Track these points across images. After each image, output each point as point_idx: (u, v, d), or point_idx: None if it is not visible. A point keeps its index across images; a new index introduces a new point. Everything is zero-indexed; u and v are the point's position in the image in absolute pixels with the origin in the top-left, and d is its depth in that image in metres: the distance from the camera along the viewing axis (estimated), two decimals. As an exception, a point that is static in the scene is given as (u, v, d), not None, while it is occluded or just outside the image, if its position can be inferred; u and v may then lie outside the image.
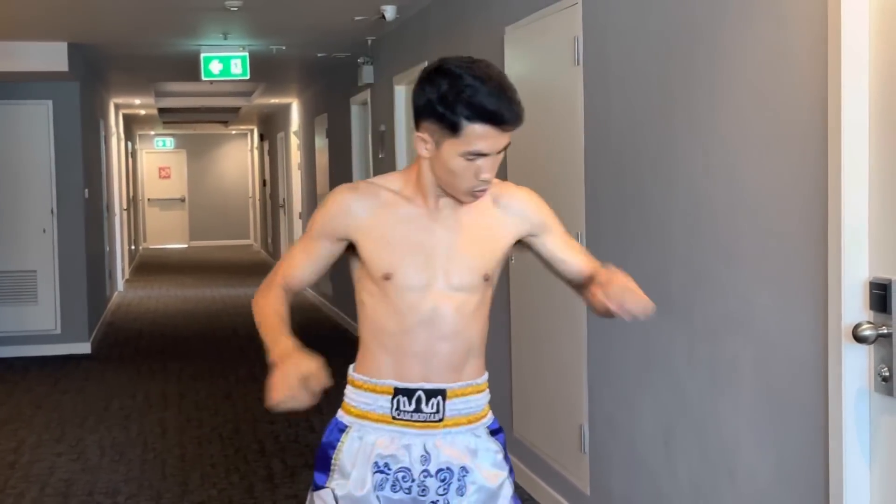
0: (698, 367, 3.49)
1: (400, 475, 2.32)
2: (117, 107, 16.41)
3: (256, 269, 18.49)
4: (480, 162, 2.19)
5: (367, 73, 9.25)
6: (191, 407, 7.52)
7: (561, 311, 4.74)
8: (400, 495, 2.32)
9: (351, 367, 2.43)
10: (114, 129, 15.37)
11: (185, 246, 26.00)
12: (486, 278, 2.36)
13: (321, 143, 12.96)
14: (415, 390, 2.32)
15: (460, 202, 2.32)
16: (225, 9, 7.44)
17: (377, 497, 2.31)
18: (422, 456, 2.33)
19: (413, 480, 2.32)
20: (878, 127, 2.62)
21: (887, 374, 2.57)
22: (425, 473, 2.33)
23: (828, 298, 2.74)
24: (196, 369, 9.05)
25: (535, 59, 5.11)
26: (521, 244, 2.47)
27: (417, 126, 2.25)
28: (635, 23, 3.93)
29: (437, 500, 2.34)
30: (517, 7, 5.20)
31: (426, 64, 7.14)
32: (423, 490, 2.33)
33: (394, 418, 2.33)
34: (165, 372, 9.00)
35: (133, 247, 20.19)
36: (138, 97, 15.66)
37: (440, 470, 2.33)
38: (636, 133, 3.95)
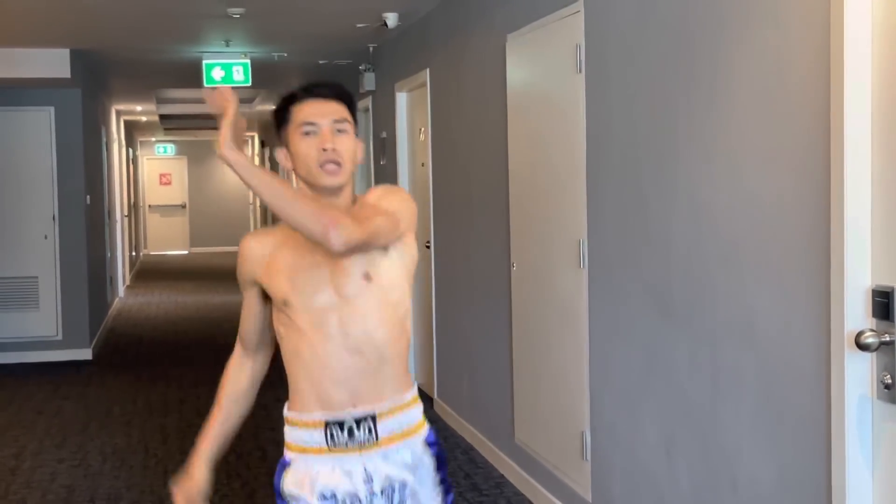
0: (700, 373, 3.49)
1: (348, 500, 2.40)
2: (119, 113, 16.42)
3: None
4: (317, 136, 2.37)
5: (369, 80, 9.26)
6: (192, 413, 7.51)
7: (562, 316, 4.75)
8: None
9: (285, 405, 2.54)
10: (115, 135, 15.38)
11: (186, 252, 26.00)
12: (367, 278, 2.39)
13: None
14: (343, 421, 2.39)
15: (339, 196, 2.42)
16: (227, 16, 7.45)
17: None
18: (363, 479, 2.40)
19: (361, 502, 2.40)
20: (881, 133, 2.62)
21: (889, 381, 2.57)
22: (372, 495, 2.40)
23: (830, 306, 2.74)
24: (197, 375, 9.04)
25: (537, 66, 5.12)
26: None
27: (279, 152, 2.48)
28: (637, 30, 3.93)
29: None
30: (519, 15, 5.21)
31: (428, 72, 7.19)
32: None
33: (330, 449, 2.40)
34: (166, 378, 8.99)
35: (134, 253, 20.19)
36: (140, 104, 15.67)
37: (384, 489, 2.41)
38: (638, 140, 3.95)
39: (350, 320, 2.39)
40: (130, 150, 20.02)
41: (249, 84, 9.62)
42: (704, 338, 3.45)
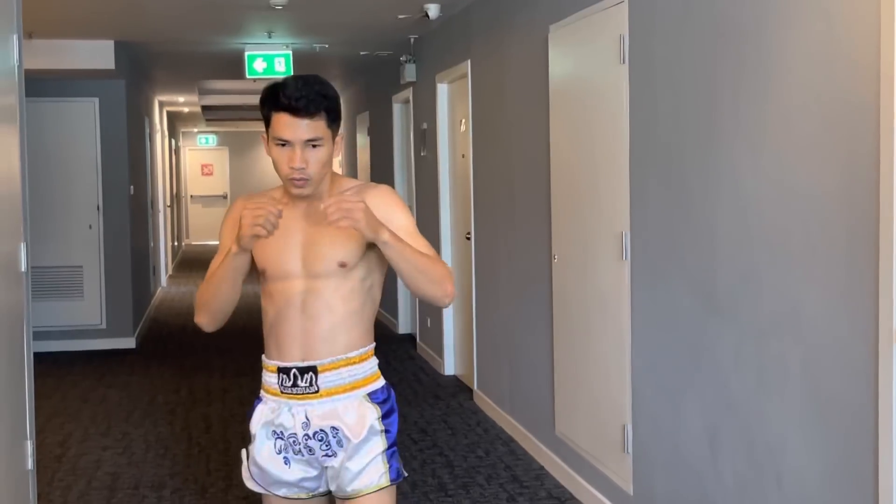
0: (745, 367, 3.46)
1: (291, 440, 2.69)
2: (161, 104, 16.55)
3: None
4: (289, 150, 2.52)
5: (410, 72, 9.26)
6: (234, 402, 7.57)
7: (604, 309, 4.73)
8: (299, 457, 2.69)
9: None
10: (158, 126, 15.50)
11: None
12: (343, 265, 2.60)
13: (363, 140, 12.99)
14: (290, 368, 2.66)
15: (314, 199, 2.62)
16: (270, 7, 7.47)
17: (284, 459, 2.70)
18: (303, 422, 2.66)
19: (299, 443, 2.67)
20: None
21: (940, 377, 2.53)
22: (306, 437, 2.67)
23: (879, 299, 2.71)
24: (239, 365, 9.11)
25: (580, 57, 5.09)
26: None
27: (263, 136, 2.64)
28: (681, 20, 3.90)
29: (328, 457, 2.67)
30: (562, 5, 5.18)
31: (469, 63, 7.18)
32: (310, 450, 2.68)
33: (280, 392, 2.69)
34: (209, 367, 9.07)
35: (176, 243, 20.36)
36: (182, 95, 15.78)
37: (316, 432, 2.65)
38: (682, 132, 3.92)
39: (312, 293, 2.62)
40: (173, 141, 20.17)
41: (291, 75, 9.64)
42: (750, 331, 3.42)
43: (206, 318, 2.73)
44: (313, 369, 2.64)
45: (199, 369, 8.98)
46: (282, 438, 2.70)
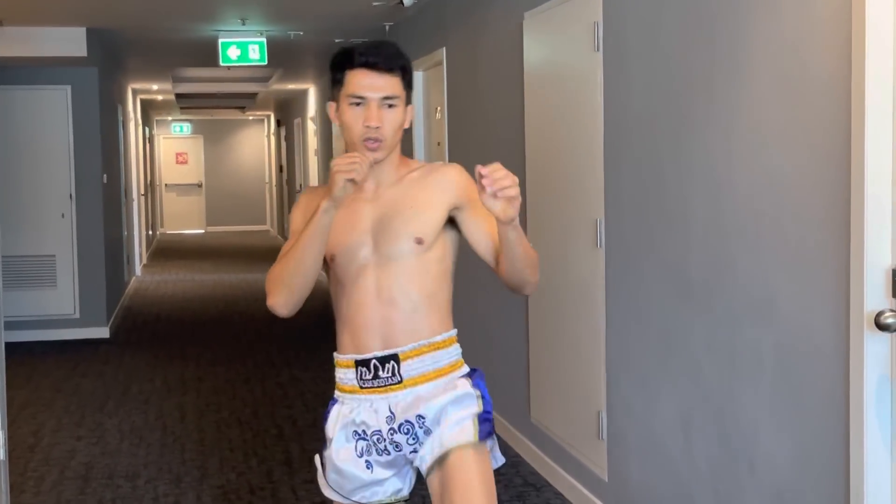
0: (718, 353, 3.48)
1: (375, 438, 2.53)
2: (135, 92, 16.44)
3: (273, 255, 18.49)
4: (364, 109, 2.42)
5: None
6: (209, 391, 7.55)
7: (579, 296, 4.74)
8: (384, 457, 2.54)
9: None
10: (131, 114, 15.41)
11: (202, 231, 26.07)
12: (420, 241, 2.48)
13: (338, 128, 12.94)
14: (369, 360, 2.50)
15: (391, 182, 2.52)
16: None
17: (367, 463, 2.54)
18: (387, 416, 2.51)
19: (384, 440, 2.52)
20: (903, 113, 2.60)
21: (910, 362, 2.55)
22: (392, 431, 2.51)
23: (850, 285, 2.73)
24: (214, 354, 9.09)
25: (555, 45, 5.09)
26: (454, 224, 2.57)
27: (329, 106, 2.55)
28: (655, 8, 3.91)
29: (415, 452, 2.51)
30: (536, -8, 5.18)
31: (444, 50, 7.16)
32: (397, 446, 2.52)
33: (360, 388, 2.53)
34: (184, 356, 9.03)
35: (150, 232, 20.25)
36: (156, 83, 15.69)
37: (401, 425, 2.50)
38: (656, 118, 3.93)
39: (387, 276, 2.48)
40: (147, 129, 20.05)
41: (265, 63, 9.61)
42: (722, 317, 3.44)
43: (284, 295, 2.46)
44: (395, 357, 2.48)
45: (174, 359, 8.94)
46: (364, 439, 2.53)
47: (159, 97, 18.66)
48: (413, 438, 2.50)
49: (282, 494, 5.14)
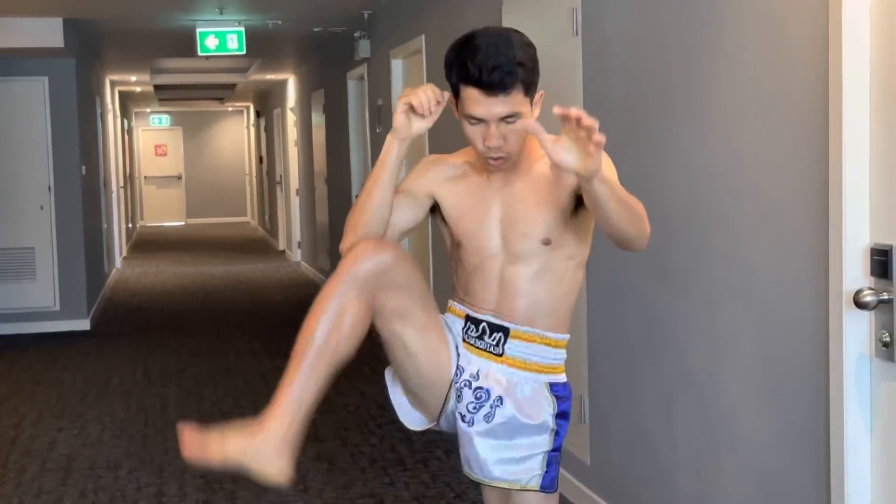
0: (698, 335, 3.50)
1: (457, 380, 2.47)
2: (113, 83, 16.34)
3: (253, 246, 18.50)
4: (483, 128, 2.28)
5: (364, 48, 9.21)
6: (191, 382, 7.53)
7: None
8: (463, 407, 2.46)
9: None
10: (110, 106, 15.32)
11: (182, 223, 25.98)
12: (547, 242, 2.39)
13: (318, 119, 12.92)
14: (481, 321, 2.44)
15: (522, 172, 2.40)
16: None
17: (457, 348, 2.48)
18: (473, 373, 2.45)
19: (459, 382, 2.46)
20: (879, 92, 2.61)
21: (888, 339, 2.57)
22: (467, 383, 2.45)
23: (829, 265, 2.74)
24: (195, 345, 9.06)
25: (534, 29, 5.07)
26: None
27: (450, 99, 2.40)
28: None
29: (465, 414, 2.46)
30: (515, -22, 5.17)
31: (423, 38, 7.15)
32: (459, 396, 2.46)
33: (464, 340, 2.48)
34: (165, 348, 9.00)
35: (130, 224, 20.16)
36: (134, 74, 15.60)
37: (479, 388, 2.44)
38: (635, 103, 3.94)
39: (514, 276, 2.42)
40: (125, 121, 19.94)
41: (244, 52, 9.57)
42: (703, 300, 3.46)
43: (350, 238, 2.37)
44: (504, 330, 2.42)
45: (155, 350, 8.91)
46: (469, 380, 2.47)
47: (138, 89, 18.56)
48: (475, 407, 2.44)
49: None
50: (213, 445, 2.18)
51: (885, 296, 2.57)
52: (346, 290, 2.20)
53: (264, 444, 2.15)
